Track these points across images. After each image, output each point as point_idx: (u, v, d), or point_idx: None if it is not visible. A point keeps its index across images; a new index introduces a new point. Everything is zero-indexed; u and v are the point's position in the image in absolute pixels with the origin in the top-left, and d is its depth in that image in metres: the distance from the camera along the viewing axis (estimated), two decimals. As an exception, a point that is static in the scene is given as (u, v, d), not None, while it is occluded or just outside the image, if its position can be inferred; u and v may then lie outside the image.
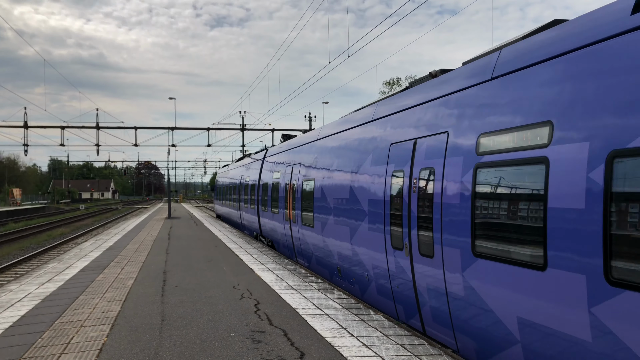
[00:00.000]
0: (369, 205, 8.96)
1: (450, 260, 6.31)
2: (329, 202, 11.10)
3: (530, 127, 5.09)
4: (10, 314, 8.36)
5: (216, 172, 53.31)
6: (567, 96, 4.70)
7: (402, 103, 8.50)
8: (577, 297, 4.35)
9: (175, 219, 35.54)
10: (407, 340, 6.63)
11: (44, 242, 28.39)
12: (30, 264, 20.23)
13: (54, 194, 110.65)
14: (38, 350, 6.37)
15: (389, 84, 61.27)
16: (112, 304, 8.90)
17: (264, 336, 6.81)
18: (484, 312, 5.68)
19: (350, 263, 9.98)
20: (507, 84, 5.70)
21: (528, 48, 5.60)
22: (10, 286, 11.00)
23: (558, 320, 4.59)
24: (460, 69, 7.08)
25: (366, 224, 9.07)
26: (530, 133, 5.10)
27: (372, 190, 8.89)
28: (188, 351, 6.22)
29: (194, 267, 12.97)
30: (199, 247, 17.79)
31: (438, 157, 6.77)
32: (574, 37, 4.86)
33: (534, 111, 5.08)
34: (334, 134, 11.86)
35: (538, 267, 4.80)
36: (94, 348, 6.40)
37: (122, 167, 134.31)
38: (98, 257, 15.51)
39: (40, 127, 36.56)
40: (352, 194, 9.81)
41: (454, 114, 6.62)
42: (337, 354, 6.07)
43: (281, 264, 13.38)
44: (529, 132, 5.11)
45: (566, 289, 4.50)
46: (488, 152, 5.70)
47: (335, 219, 10.70)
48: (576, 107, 4.55)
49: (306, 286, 10.31)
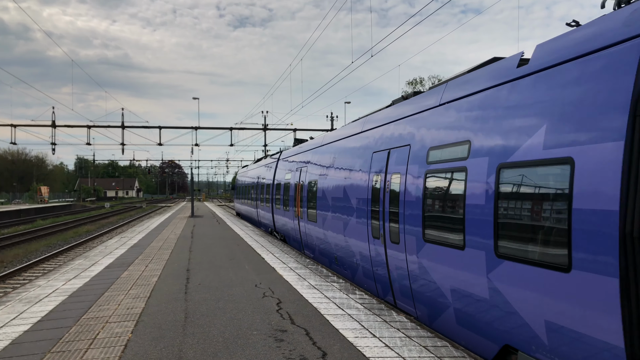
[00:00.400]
0: (357, 203, 10.71)
1: (410, 245, 7.98)
2: (328, 200, 12.90)
3: (458, 144, 6.84)
4: (38, 308, 8.55)
5: (237, 172, 54.58)
6: (478, 124, 6.47)
7: (381, 117, 10.42)
8: (478, 265, 6.11)
9: (198, 218, 35.90)
10: (430, 342, 6.58)
11: (70, 239, 28.95)
12: (57, 260, 20.65)
13: (80, 192, 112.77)
14: (65, 344, 6.50)
15: (412, 84, 60.92)
16: (137, 300, 9.02)
17: (286, 335, 6.83)
18: (431, 284, 7.39)
19: (344, 252, 11.77)
20: (447, 111, 7.43)
21: (459, 83, 7.42)
22: (39, 282, 11.24)
23: (471, 285, 6.30)
24: (423, 94, 8.86)
25: (354, 218, 10.81)
26: (458, 149, 6.83)
27: (359, 190, 10.62)
28: (211, 349, 6.27)
29: (217, 265, 13.08)
30: (221, 245, 17.94)
31: (403, 164, 8.47)
32: (483, 80, 6.75)
33: (461, 133, 6.83)
34: (332, 142, 13.81)
35: (459, 247, 6.55)
36: (119, 344, 6.49)
37: (146, 166, 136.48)
38: (123, 254, 15.75)
39: (68, 126, 37.27)
40: (345, 194, 11.59)
41: (414, 131, 8.37)
42: (359, 354, 6.06)
43: (302, 264, 13.40)
44: (458, 147, 6.85)
45: (465, 261, 6.40)
46: (434, 161, 7.43)
47: (333, 215, 12.49)
48: (482, 132, 6.33)
49: (328, 286, 10.31)
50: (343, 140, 12.77)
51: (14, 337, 6.89)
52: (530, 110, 5.53)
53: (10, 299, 9.41)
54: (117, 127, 37.30)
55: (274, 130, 40.04)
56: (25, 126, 35.94)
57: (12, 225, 40.47)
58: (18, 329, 7.30)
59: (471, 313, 6.44)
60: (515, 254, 5.48)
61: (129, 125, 37.78)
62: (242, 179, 37.40)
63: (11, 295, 9.85)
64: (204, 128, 42.36)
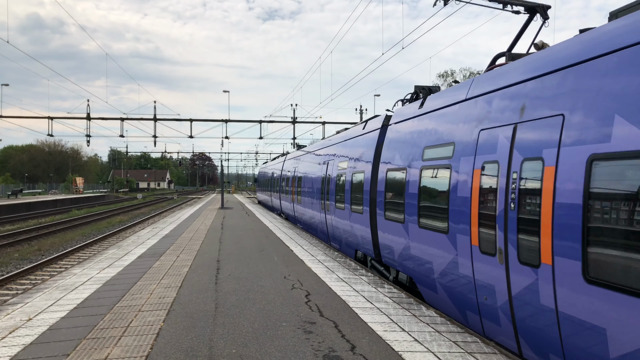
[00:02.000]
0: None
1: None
2: (307, 190, 17.62)
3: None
4: (74, 296, 8.79)
5: (259, 169, 61.79)
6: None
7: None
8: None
9: (227, 209, 36.30)
10: (459, 337, 6.51)
11: (104, 229, 29.64)
12: (91, 249, 21.19)
13: (114, 183, 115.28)
14: (100, 332, 6.67)
15: (443, 77, 60.11)
16: (168, 290, 9.19)
17: (314, 327, 6.86)
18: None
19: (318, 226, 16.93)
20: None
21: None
22: (74, 270, 11.55)
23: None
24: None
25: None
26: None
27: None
28: (241, 339, 6.35)
29: (246, 257, 13.21)
30: (250, 237, 18.10)
31: None
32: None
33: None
34: (327, 146, 16.96)
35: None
36: (152, 332, 6.63)
37: (177, 158, 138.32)
38: (155, 244, 16.05)
39: (102, 118, 38.04)
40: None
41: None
42: (388, 347, 6.04)
43: (331, 256, 13.42)
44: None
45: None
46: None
47: (319, 201, 16.43)
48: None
49: (356, 279, 10.30)
50: (335, 144, 15.85)
51: (52, 322, 7.10)
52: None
53: (47, 286, 9.70)
54: (150, 119, 37.88)
55: (303, 123, 40.04)
56: (61, 118, 36.80)
57: (49, 214, 41.69)
58: (55, 315, 7.53)
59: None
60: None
61: (161, 118, 38.34)
62: (264, 171, 44.95)
63: (48, 283, 10.16)
64: (234, 121, 42.50)
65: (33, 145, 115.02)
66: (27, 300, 8.51)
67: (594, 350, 4.76)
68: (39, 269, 16.61)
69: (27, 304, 8.28)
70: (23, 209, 45.19)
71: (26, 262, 18.14)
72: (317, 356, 5.73)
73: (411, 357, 5.72)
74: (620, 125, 4.61)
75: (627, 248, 4.41)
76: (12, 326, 6.94)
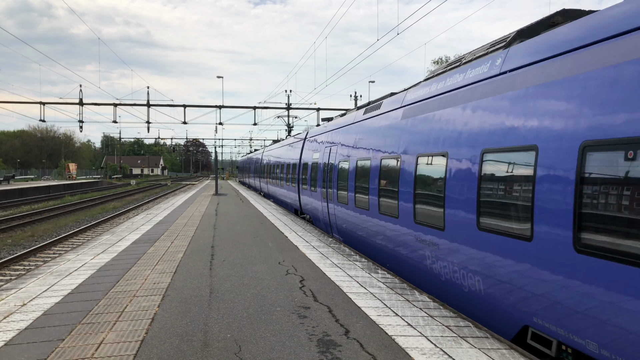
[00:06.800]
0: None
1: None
2: (272, 173, 26.79)
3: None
4: (69, 281, 8.79)
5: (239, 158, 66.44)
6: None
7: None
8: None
9: (222, 196, 36.26)
10: (452, 321, 6.58)
11: (98, 215, 29.58)
12: (85, 235, 21.16)
13: (107, 169, 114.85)
14: (95, 317, 6.69)
15: (437, 63, 60.01)
16: (163, 275, 9.21)
17: (309, 312, 6.90)
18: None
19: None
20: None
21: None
22: (68, 255, 11.54)
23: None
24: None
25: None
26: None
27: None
28: (235, 323, 6.39)
29: (241, 243, 13.24)
30: (245, 223, 18.13)
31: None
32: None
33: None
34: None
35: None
36: (147, 317, 6.65)
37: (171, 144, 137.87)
38: (149, 230, 16.05)
39: (94, 104, 37.76)
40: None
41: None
42: (381, 332, 6.10)
43: (325, 242, 13.47)
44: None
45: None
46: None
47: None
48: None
49: (350, 265, 10.36)
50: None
51: (46, 308, 7.12)
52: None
53: (41, 272, 9.69)
54: (143, 105, 37.64)
55: (298, 109, 39.91)
56: (53, 104, 36.55)
57: (42, 200, 41.52)
58: (49, 300, 7.54)
59: None
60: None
61: (154, 103, 38.09)
62: (242, 163, 61.25)
63: (42, 268, 10.15)
64: (228, 107, 42.22)
65: (25, 130, 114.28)
66: (21, 286, 8.51)
67: None
68: (32, 255, 16.59)
69: (21, 289, 8.28)
70: (16, 195, 44.96)
71: (19, 248, 18.11)
72: (311, 340, 5.78)
73: (404, 341, 5.78)
74: None
75: None
76: (6, 311, 6.95)
